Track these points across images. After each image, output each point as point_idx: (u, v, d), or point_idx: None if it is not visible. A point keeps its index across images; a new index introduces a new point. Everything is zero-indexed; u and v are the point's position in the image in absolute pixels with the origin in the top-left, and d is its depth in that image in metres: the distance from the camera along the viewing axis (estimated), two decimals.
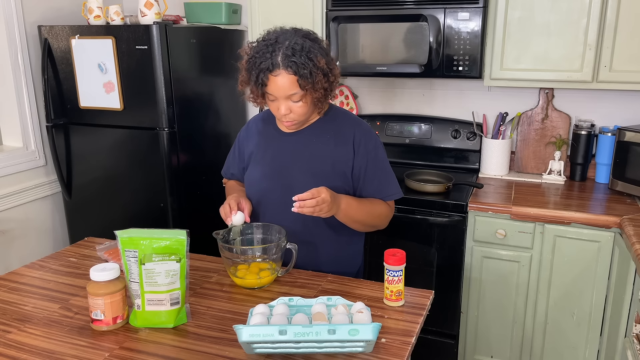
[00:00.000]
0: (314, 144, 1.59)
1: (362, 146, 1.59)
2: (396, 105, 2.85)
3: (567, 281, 2.12)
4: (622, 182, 2.23)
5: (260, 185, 1.63)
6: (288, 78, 1.42)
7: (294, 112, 1.49)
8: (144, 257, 1.21)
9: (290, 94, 1.45)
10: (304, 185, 1.50)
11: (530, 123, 2.57)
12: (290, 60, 1.40)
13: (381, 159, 1.63)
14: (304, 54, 1.42)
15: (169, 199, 2.51)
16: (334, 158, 1.58)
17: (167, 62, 2.37)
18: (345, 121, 1.63)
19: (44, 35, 2.53)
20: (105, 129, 2.55)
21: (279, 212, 1.57)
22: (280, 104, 1.48)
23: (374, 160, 1.60)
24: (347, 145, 1.59)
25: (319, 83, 1.45)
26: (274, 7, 2.57)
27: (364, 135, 1.60)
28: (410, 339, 1.21)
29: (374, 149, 1.61)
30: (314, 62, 1.43)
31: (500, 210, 2.15)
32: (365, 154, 1.59)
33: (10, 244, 2.63)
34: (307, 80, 1.42)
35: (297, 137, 1.61)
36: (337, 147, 1.59)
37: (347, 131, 1.60)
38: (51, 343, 1.20)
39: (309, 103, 1.49)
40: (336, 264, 1.65)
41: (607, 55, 2.15)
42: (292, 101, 1.47)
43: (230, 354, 1.16)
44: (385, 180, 1.63)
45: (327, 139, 1.59)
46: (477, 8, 2.22)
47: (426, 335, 2.36)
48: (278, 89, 1.44)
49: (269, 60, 1.42)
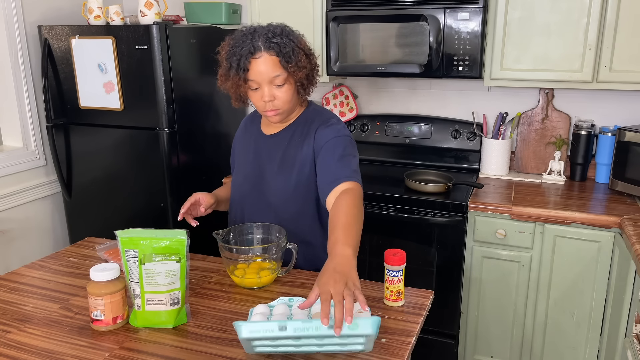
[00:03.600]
0: (286, 146, 1.57)
1: (320, 140, 1.50)
2: (396, 105, 2.85)
3: (567, 281, 2.12)
4: (622, 182, 2.23)
5: (240, 189, 1.64)
6: (270, 59, 1.40)
7: (278, 98, 1.46)
8: (144, 257, 1.21)
9: (273, 76, 1.42)
10: (276, 189, 1.54)
11: (530, 123, 2.57)
12: (272, 42, 1.40)
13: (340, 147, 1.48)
14: (284, 35, 1.42)
15: (169, 199, 2.51)
16: (301, 160, 1.53)
17: (167, 62, 2.37)
18: (315, 121, 1.55)
19: (44, 35, 2.53)
20: (105, 129, 2.55)
21: (259, 215, 1.59)
22: (264, 89, 1.44)
23: (328, 149, 1.48)
24: (309, 144, 1.53)
25: (302, 62, 1.44)
26: (274, 7, 2.58)
27: (324, 132, 1.51)
28: (410, 339, 1.21)
29: (332, 140, 1.49)
30: (295, 42, 1.43)
31: (500, 210, 2.15)
32: (323, 146, 1.49)
33: (10, 244, 2.63)
34: (290, 59, 1.41)
35: (274, 139, 1.59)
36: (303, 148, 1.53)
37: (312, 130, 1.53)
38: (51, 343, 1.20)
39: (292, 87, 1.46)
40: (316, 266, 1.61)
41: (607, 55, 2.15)
42: (276, 85, 1.44)
43: (230, 354, 1.16)
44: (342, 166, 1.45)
45: (297, 141, 1.55)
46: (477, 8, 2.22)
47: (426, 335, 2.36)
48: (261, 73, 1.41)
49: (249, 44, 1.40)
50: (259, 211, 1.60)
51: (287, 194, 1.55)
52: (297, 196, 1.55)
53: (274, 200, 1.57)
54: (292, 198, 1.55)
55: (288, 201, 1.56)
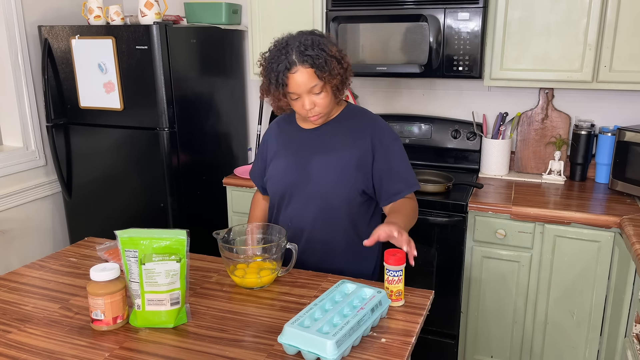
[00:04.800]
0: (334, 139, 1.64)
1: (380, 142, 1.63)
2: (396, 105, 2.85)
3: (567, 281, 2.12)
4: (622, 182, 2.23)
5: (284, 178, 1.67)
6: (306, 72, 1.48)
7: (318, 104, 1.54)
8: (144, 257, 1.21)
9: (311, 87, 1.50)
10: (325, 179, 1.60)
11: (530, 123, 2.57)
12: (305, 55, 1.47)
13: (398, 154, 1.66)
14: (315, 46, 1.49)
15: (169, 199, 2.51)
16: (353, 152, 1.62)
17: (167, 62, 2.37)
18: (362, 117, 1.68)
19: (44, 35, 2.53)
20: (105, 129, 2.55)
21: (302, 205, 1.64)
22: (304, 99, 1.52)
23: (392, 154, 1.64)
24: (366, 141, 1.62)
25: (335, 69, 1.52)
26: (274, 7, 2.57)
27: (381, 130, 1.65)
28: (410, 339, 1.21)
29: (392, 143, 1.65)
30: (326, 51, 1.50)
31: (500, 210, 2.15)
32: (384, 150, 1.63)
33: (10, 244, 2.63)
34: (324, 69, 1.48)
35: (318, 132, 1.66)
36: (356, 142, 1.63)
37: (365, 127, 1.65)
38: (51, 343, 1.20)
39: (330, 93, 1.55)
40: (354, 263, 1.69)
41: (607, 55, 2.15)
42: (314, 94, 1.52)
43: (230, 354, 1.16)
44: (404, 173, 1.66)
45: (346, 134, 1.64)
46: (477, 8, 2.22)
47: (426, 335, 2.36)
48: (299, 85, 1.50)
49: (284, 61, 1.48)
50: (301, 199, 1.64)
51: (332, 180, 1.61)
52: (342, 184, 1.61)
53: (328, 189, 1.62)
54: (337, 186, 1.61)
55: (333, 188, 1.61)
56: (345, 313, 1.22)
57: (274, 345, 1.18)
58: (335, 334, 1.10)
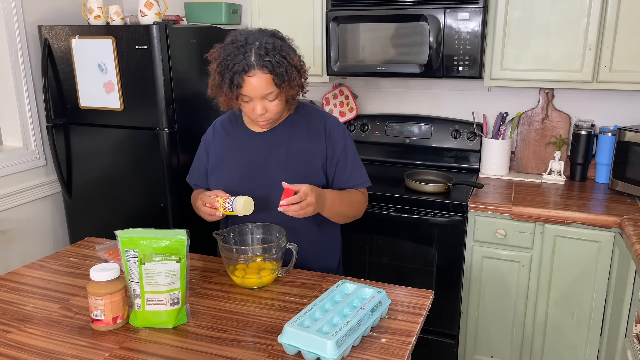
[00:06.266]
0: (288, 140, 1.61)
1: (333, 138, 1.62)
2: (396, 105, 2.85)
3: (567, 281, 2.12)
4: (622, 182, 2.23)
5: (240, 187, 1.60)
6: (264, 78, 1.42)
7: (270, 111, 1.50)
8: (144, 257, 1.21)
9: (266, 93, 1.45)
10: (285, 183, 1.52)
11: (530, 123, 2.57)
12: (265, 60, 1.41)
13: (351, 149, 1.66)
14: (276, 52, 1.43)
15: (169, 199, 2.51)
16: (310, 153, 1.60)
17: (167, 62, 2.37)
18: (314, 115, 1.65)
19: (44, 35, 2.53)
20: (105, 129, 2.55)
21: (261, 211, 1.58)
22: (256, 104, 1.47)
23: (344, 151, 1.63)
24: (320, 139, 1.61)
25: (295, 80, 1.47)
26: (274, 7, 2.57)
27: (333, 127, 1.63)
28: (410, 339, 1.21)
29: (343, 140, 1.64)
30: (288, 60, 1.45)
31: (500, 210, 2.15)
32: (336, 145, 1.62)
33: (10, 244, 2.63)
34: (283, 78, 1.43)
35: (271, 135, 1.62)
36: (312, 142, 1.61)
37: (318, 124, 1.63)
38: (51, 343, 1.20)
39: (283, 101, 1.51)
40: (321, 259, 1.69)
41: (607, 55, 2.15)
42: (268, 100, 1.47)
43: (230, 354, 1.16)
44: (356, 169, 1.66)
45: (301, 135, 1.61)
46: (477, 8, 2.22)
47: (426, 335, 2.36)
48: (254, 90, 1.44)
49: (242, 61, 1.41)
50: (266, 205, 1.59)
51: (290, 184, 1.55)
52: None
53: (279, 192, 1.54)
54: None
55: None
56: (345, 313, 1.22)
57: (274, 345, 1.18)
58: (335, 334, 1.10)
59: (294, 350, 1.14)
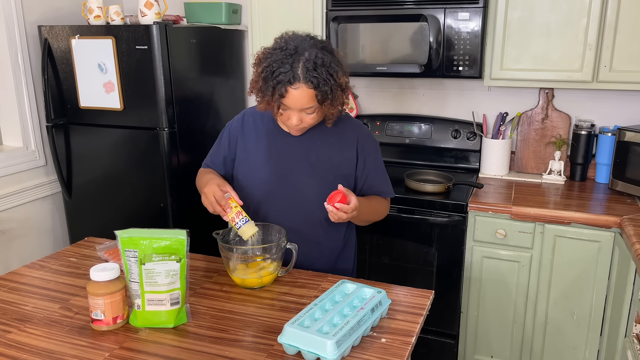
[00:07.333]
0: (319, 147, 1.59)
1: (365, 150, 1.63)
2: (396, 105, 2.85)
3: (567, 281, 2.12)
4: (622, 182, 2.23)
5: (266, 187, 1.61)
6: (307, 92, 1.38)
7: (305, 122, 1.48)
8: (144, 257, 1.21)
9: (306, 107, 1.42)
10: (312, 189, 1.56)
11: (530, 123, 2.57)
12: (312, 75, 1.37)
13: (380, 161, 1.70)
14: (324, 69, 1.38)
15: (169, 199, 2.51)
16: (340, 163, 1.60)
17: (167, 62, 2.37)
18: (348, 125, 1.64)
19: (44, 35, 2.53)
20: (105, 129, 2.55)
21: (284, 214, 1.59)
22: (293, 114, 1.44)
23: (374, 163, 1.67)
24: (351, 150, 1.61)
25: (338, 100, 1.44)
26: (274, 7, 2.57)
27: (365, 140, 1.65)
28: (410, 339, 1.21)
29: (374, 152, 1.67)
30: (335, 78, 1.40)
31: (500, 210, 2.15)
32: (367, 158, 1.64)
33: (10, 244, 2.63)
34: (327, 96, 1.40)
35: (302, 139, 1.59)
36: (342, 152, 1.60)
37: (350, 135, 1.62)
38: (51, 343, 1.20)
39: (321, 116, 1.49)
40: (338, 262, 1.71)
41: (607, 55, 2.15)
42: (306, 113, 1.45)
43: (231, 354, 1.16)
44: (384, 181, 1.71)
45: (332, 143, 1.60)
46: (477, 8, 2.22)
47: (426, 335, 2.36)
48: (295, 102, 1.40)
49: (289, 71, 1.36)
50: (284, 208, 1.60)
51: (315, 190, 1.57)
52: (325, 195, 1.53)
53: (311, 197, 1.57)
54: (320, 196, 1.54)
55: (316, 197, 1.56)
56: (345, 313, 1.22)
57: (274, 345, 1.18)
58: (335, 334, 1.10)
59: (294, 350, 1.14)
